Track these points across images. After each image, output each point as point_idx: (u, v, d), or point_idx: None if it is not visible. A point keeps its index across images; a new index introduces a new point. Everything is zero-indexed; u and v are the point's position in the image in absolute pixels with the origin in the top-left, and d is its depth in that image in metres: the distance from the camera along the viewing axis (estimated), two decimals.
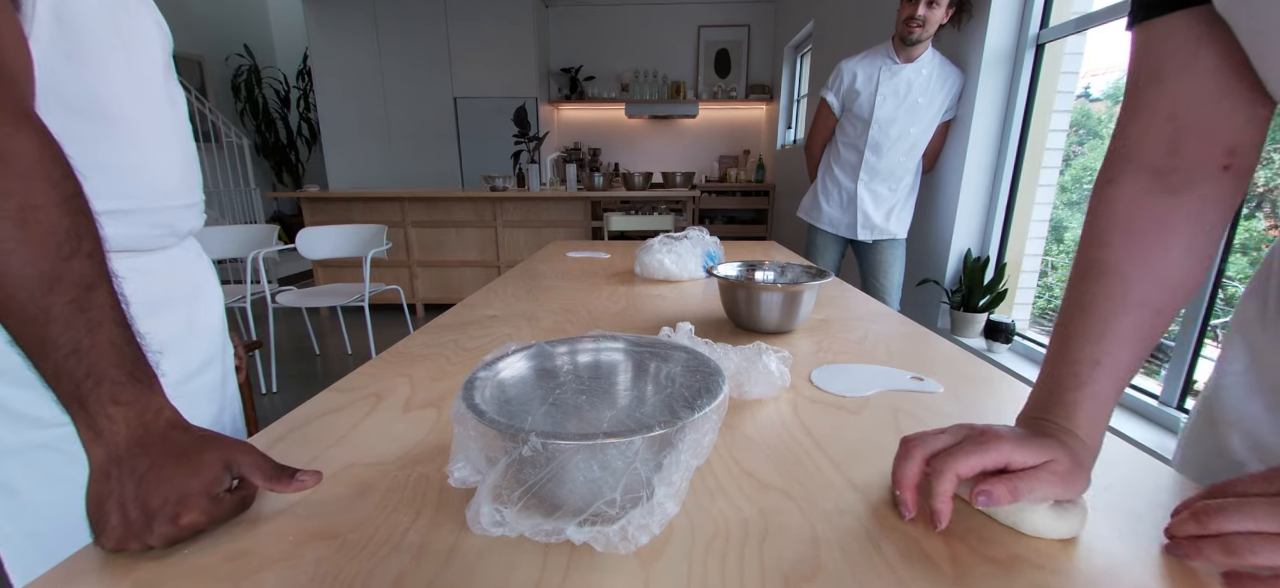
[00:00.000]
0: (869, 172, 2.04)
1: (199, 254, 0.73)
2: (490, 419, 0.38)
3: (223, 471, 0.39)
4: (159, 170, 0.61)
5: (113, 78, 0.55)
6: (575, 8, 5.56)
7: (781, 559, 0.38)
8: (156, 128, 0.60)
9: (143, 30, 0.61)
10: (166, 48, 0.66)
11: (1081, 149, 2.29)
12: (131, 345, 0.40)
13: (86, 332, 0.37)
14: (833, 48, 3.46)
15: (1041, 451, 0.39)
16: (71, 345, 0.36)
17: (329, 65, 5.01)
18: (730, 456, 0.51)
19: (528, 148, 4.11)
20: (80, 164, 0.49)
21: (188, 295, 0.68)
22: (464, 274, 3.87)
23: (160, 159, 0.61)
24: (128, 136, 0.57)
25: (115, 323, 0.39)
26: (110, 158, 0.55)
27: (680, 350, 0.51)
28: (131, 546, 0.36)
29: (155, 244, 0.63)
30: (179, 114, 0.65)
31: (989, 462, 0.39)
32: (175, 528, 0.37)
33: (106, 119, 0.55)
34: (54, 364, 0.36)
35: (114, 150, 0.56)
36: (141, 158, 0.58)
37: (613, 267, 1.48)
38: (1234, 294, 1.72)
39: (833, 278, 1.15)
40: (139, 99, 0.58)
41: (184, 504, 0.37)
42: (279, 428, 0.56)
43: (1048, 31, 1.85)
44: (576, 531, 0.37)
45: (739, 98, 5.56)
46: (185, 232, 0.67)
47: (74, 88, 0.52)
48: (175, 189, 0.63)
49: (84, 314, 0.37)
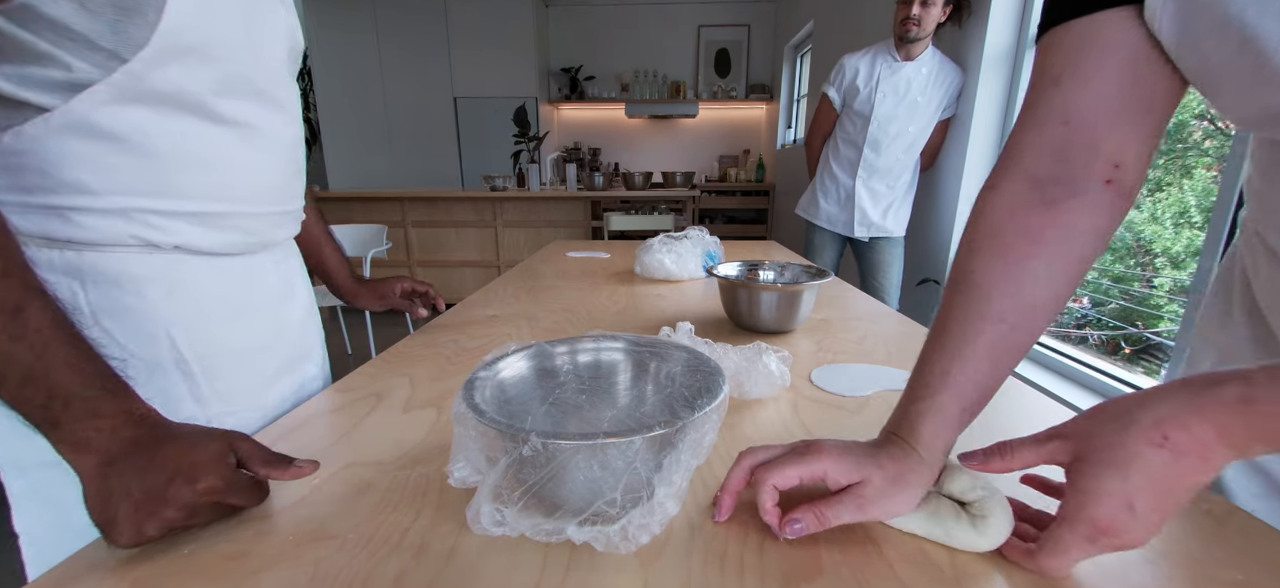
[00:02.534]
0: (867, 169, 2.04)
1: (285, 257, 0.69)
2: (490, 419, 0.38)
3: (226, 447, 0.39)
4: (256, 176, 0.58)
5: (231, 75, 0.53)
6: (575, 7, 5.56)
7: (781, 560, 0.38)
8: (262, 132, 0.58)
9: (271, 27, 0.58)
10: (294, 50, 0.63)
11: None
12: (91, 360, 0.38)
13: (34, 356, 0.35)
14: (833, 47, 3.46)
15: (856, 468, 0.39)
16: (21, 374, 0.35)
17: (329, 65, 5.00)
18: (730, 455, 0.51)
19: (528, 148, 4.11)
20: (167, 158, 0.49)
21: (274, 300, 0.65)
22: (464, 274, 3.87)
23: (260, 163, 0.58)
24: (233, 137, 0.55)
25: (63, 341, 0.37)
26: (203, 157, 0.53)
27: (680, 350, 0.51)
28: (149, 529, 0.36)
29: (241, 249, 0.59)
30: (287, 118, 0.62)
31: (805, 474, 0.39)
32: (194, 492, 0.36)
33: (208, 117, 0.52)
34: (10, 394, 0.35)
35: (209, 150, 0.53)
36: (239, 160, 0.56)
37: (613, 267, 1.48)
38: None
39: (832, 278, 1.15)
40: (248, 101, 0.55)
41: (198, 468, 0.37)
42: (279, 428, 0.56)
43: None
44: (577, 530, 0.37)
45: (739, 97, 5.56)
46: (277, 240, 0.65)
47: (179, 82, 0.49)
48: (270, 197, 0.61)
49: (20, 340, 0.35)
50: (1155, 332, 1.98)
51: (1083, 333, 2.22)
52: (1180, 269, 1.97)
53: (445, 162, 5.42)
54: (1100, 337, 2.17)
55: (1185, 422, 0.31)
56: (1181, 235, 1.92)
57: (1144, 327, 2.04)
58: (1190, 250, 1.84)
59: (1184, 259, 1.93)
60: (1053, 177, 0.41)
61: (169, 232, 0.52)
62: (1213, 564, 0.37)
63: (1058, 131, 0.40)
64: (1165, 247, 1.99)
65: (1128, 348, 2.06)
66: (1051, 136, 0.41)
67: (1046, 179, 0.41)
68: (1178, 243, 1.95)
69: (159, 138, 0.49)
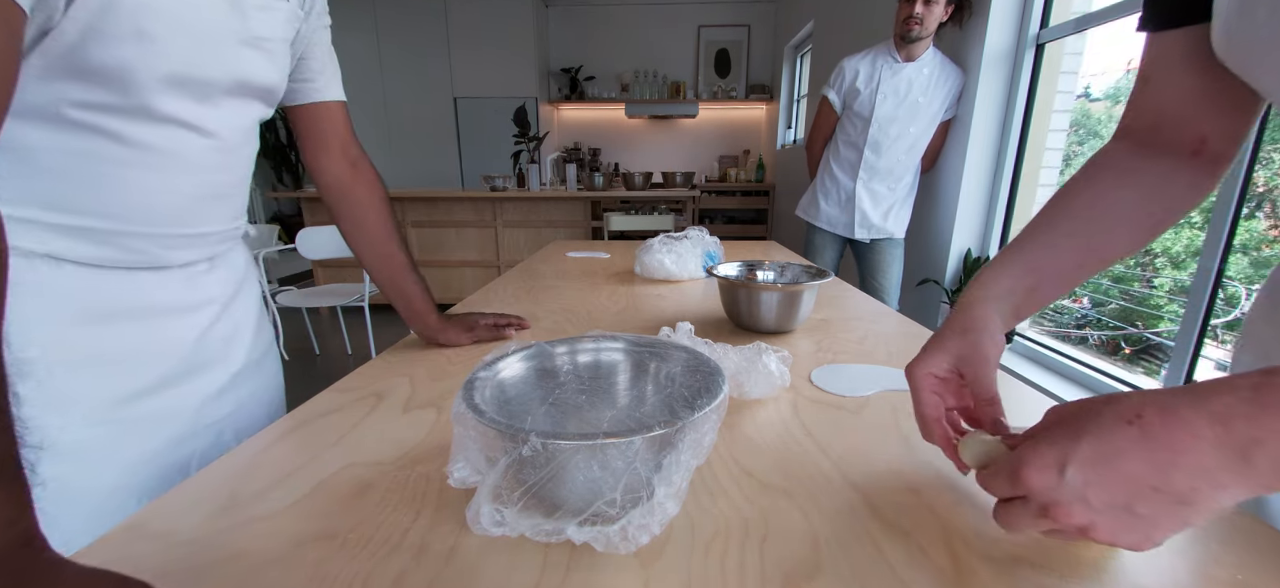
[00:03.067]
0: (868, 170, 2.04)
1: (197, 275, 0.63)
2: (490, 419, 0.38)
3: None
4: (149, 198, 0.54)
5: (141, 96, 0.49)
6: (575, 8, 5.56)
7: (781, 559, 0.38)
8: (172, 155, 0.54)
9: (223, 60, 0.55)
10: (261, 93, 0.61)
11: (1081, 149, 2.29)
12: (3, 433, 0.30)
13: None
14: (833, 48, 3.46)
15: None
16: None
17: None
18: (730, 455, 0.51)
19: (528, 148, 4.10)
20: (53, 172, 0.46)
21: (158, 312, 0.59)
22: (464, 274, 3.87)
23: (156, 185, 0.54)
24: (130, 157, 0.51)
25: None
26: (89, 174, 0.50)
27: (680, 350, 0.51)
28: None
29: (121, 265, 0.55)
30: (214, 145, 0.58)
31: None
32: None
33: (103, 135, 0.49)
34: None
35: (96, 167, 0.50)
36: (132, 181, 0.52)
37: (613, 267, 1.48)
38: (1234, 294, 1.72)
39: (832, 278, 1.15)
40: (154, 125, 0.52)
41: None
42: (279, 428, 0.56)
43: (1048, 31, 1.85)
44: (577, 531, 0.37)
45: (739, 98, 5.56)
46: (174, 262, 0.59)
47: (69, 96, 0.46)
48: (169, 221, 0.56)
49: None
50: (1155, 332, 1.98)
51: (1083, 333, 2.22)
52: (1180, 269, 1.97)
53: (445, 162, 5.42)
54: (1100, 337, 2.17)
55: (1171, 406, 0.28)
56: (1181, 236, 1.92)
57: (1144, 327, 2.04)
58: (1190, 251, 1.84)
59: (1184, 259, 1.93)
60: (1154, 139, 0.48)
61: (42, 242, 0.49)
62: (1212, 564, 0.37)
63: (1151, 118, 0.48)
64: (1165, 247, 1.99)
65: (1128, 348, 2.06)
66: (1149, 114, 0.48)
67: (1149, 140, 0.48)
68: (1178, 243, 1.95)
69: (45, 153, 0.47)
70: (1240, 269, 1.73)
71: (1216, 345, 1.77)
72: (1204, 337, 1.42)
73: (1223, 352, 1.79)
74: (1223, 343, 1.78)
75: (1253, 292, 1.71)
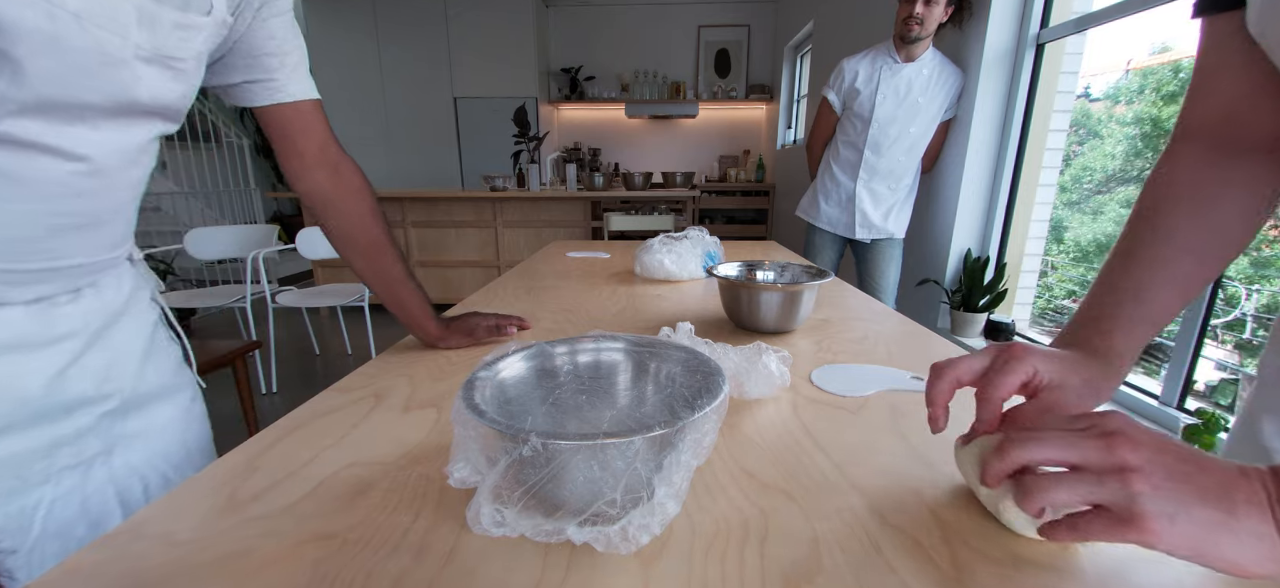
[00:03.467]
0: (868, 171, 2.04)
1: (50, 309, 0.54)
2: (490, 419, 0.38)
3: None
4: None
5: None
6: (575, 8, 5.56)
7: (781, 559, 0.38)
8: (13, 181, 0.45)
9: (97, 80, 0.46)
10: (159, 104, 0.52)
11: (1081, 149, 2.29)
12: None
13: None
14: (833, 48, 3.46)
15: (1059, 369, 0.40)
16: None
17: (329, 65, 5.01)
18: (730, 455, 0.51)
19: (528, 148, 4.11)
20: None
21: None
22: (464, 274, 3.87)
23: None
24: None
25: None
26: None
27: (680, 350, 0.51)
28: None
29: None
30: (80, 168, 0.49)
31: (1016, 382, 0.40)
32: None
33: None
34: None
35: None
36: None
37: (613, 267, 1.48)
38: (1234, 294, 1.72)
39: (832, 278, 1.15)
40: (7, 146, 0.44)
41: None
42: (279, 428, 0.56)
43: (1048, 31, 1.85)
44: (577, 531, 0.37)
45: (739, 98, 5.56)
46: (12, 300, 0.51)
47: None
48: (12, 254, 0.48)
49: None
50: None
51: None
52: None
53: (445, 162, 5.42)
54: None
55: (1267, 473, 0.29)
56: None
57: None
58: None
59: None
60: (1228, 137, 0.44)
61: None
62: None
63: (1220, 107, 0.44)
64: None
65: None
66: (1218, 116, 0.44)
67: (1223, 138, 0.44)
68: None
69: None
70: (1240, 269, 1.73)
71: (1216, 345, 1.77)
72: (1204, 337, 1.42)
73: (1223, 352, 1.79)
74: (1223, 343, 1.78)
75: (1253, 292, 1.71)
